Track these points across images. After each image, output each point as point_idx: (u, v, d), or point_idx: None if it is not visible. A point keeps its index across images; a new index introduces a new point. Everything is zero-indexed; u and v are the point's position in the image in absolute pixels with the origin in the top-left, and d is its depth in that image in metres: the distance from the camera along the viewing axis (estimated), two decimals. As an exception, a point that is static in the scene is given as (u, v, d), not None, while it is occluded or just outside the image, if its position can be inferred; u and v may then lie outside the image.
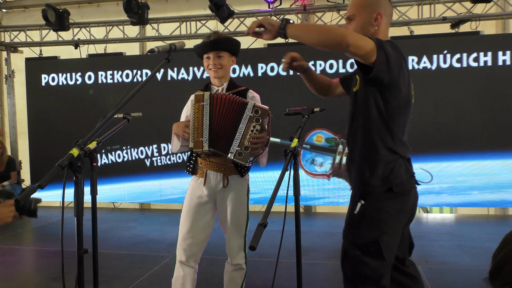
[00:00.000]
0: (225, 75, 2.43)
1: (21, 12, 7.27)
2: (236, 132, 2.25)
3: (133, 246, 4.56)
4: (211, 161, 2.36)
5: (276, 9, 5.90)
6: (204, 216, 2.41)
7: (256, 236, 1.22)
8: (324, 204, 5.85)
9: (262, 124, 2.26)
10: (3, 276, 3.65)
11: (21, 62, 6.79)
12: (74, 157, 1.41)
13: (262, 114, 2.26)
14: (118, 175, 6.24)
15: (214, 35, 2.39)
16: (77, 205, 1.47)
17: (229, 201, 2.39)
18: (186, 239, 2.38)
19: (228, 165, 2.35)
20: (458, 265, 3.78)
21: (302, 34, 1.69)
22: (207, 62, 2.39)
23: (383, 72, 1.66)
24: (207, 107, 2.26)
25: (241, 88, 2.44)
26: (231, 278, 2.44)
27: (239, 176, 2.39)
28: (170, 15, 6.33)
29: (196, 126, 2.27)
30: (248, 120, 2.25)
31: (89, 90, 6.38)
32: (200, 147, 2.25)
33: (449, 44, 5.41)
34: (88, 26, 6.44)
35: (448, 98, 5.44)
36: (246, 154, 2.24)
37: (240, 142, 2.24)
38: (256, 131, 2.25)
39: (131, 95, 1.75)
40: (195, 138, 2.27)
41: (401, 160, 1.87)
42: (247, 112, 2.25)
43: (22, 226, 5.67)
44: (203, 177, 2.39)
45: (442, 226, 5.27)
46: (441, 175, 5.49)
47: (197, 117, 2.27)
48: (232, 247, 2.40)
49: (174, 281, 2.41)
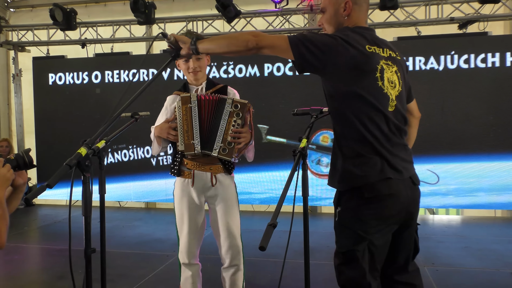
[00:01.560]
0: (203, 75, 2.45)
1: (29, 11, 7.32)
2: (218, 128, 2.23)
3: (138, 245, 4.56)
4: (198, 161, 2.34)
5: (282, 9, 5.89)
6: (197, 216, 2.42)
7: (265, 236, 1.21)
8: (330, 204, 5.82)
9: (242, 118, 2.23)
10: (9, 274, 3.66)
11: (28, 61, 6.83)
12: (82, 156, 1.41)
13: (242, 108, 2.23)
14: (124, 174, 6.25)
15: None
16: (85, 204, 1.47)
17: (220, 201, 2.38)
18: (187, 242, 2.39)
19: (215, 164, 2.34)
20: (465, 267, 3.76)
21: (212, 46, 1.78)
22: (185, 65, 2.38)
23: (305, 63, 1.65)
24: (195, 109, 2.24)
25: (220, 86, 2.44)
26: (231, 282, 2.41)
27: (226, 174, 2.38)
28: (177, 14, 6.34)
29: (186, 129, 2.24)
30: (228, 115, 2.23)
31: (96, 89, 6.40)
32: (192, 149, 2.24)
33: (456, 44, 5.38)
34: (95, 26, 6.46)
35: (455, 99, 5.41)
36: (230, 150, 2.22)
37: (223, 138, 2.22)
38: (238, 125, 2.23)
39: (137, 94, 1.75)
40: (185, 141, 2.25)
41: (372, 158, 1.64)
42: (227, 108, 2.23)
43: (28, 224, 5.70)
44: (190, 177, 2.36)
45: (448, 228, 5.24)
46: (447, 177, 5.46)
47: (185, 119, 2.25)
48: (229, 248, 2.37)
49: (183, 282, 2.42)
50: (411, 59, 5.47)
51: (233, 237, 2.37)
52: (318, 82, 1.71)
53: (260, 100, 5.57)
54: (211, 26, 6.14)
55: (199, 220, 2.42)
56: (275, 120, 5.71)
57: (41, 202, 6.89)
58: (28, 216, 6.15)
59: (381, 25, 5.76)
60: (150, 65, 6.24)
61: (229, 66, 5.94)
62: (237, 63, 5.91)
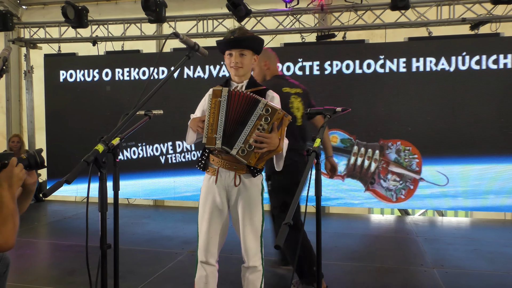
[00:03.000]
0: (246, 73, 2.39)
1: (41, 9, 7.38)
2: (244, 128, 2.19)
3: (147, 243, 4.59)
4: (223, 159, 2.31)
5: (293, 8, 5.89)
6: (220, 215, 2.39)
7: (281, 235, 1.22)
8: (338, 205, 5.82)
9: (270, 123, 2.17)
10: (21, 268, 3.70)
11: (40, 58, 6.88)
12: (100, 153, 1.42)
13: (272, 114, 2.17)
14: (133, 171, 6.29)
15: (238, 32, 2.33)
16: (101, 200, 1.49)
17: (242, 201, 2.35)
18: (206, 240, 2.36)
19: (240, 164, 2.29)
20: (475, 270, 3.73)
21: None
22: (229, 60, 2.34)
23: None
24: (224, 103, 2.21)
25: (261, 88, 2.39)
26: (249, 282, 2.40)
27: (251, 176, 2.33)
28: (187, 13, 6.36)
29: (211, 122, 2.22)
30: (257, 117, 2.18)
31: (106, 86, 6.44)
32: (212, 143, 2.21)
33: (468, 45, 5.35)
34: (106, 24, 6.50)
35: (465, 100, 5.37)
36: (249, 152, 2.17)
37: (246, 139, 2.18)
38: (263, 130, 2.18)
39: (153, 92, 1.77)
40: (208, 133, 2.22)
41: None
42: (257, 110, 2.18)
43: (38, 219, 5.75)
44: (214, 174, 2.34)
45: (457, 230, 5.21)
46: (457, 178, 5.43)
47: (212, 112, 2.22)
48: (248, 249, 2.35)
49: (197, 281, 2.42)
50: (422, 59, 5.44)
51: (250, 239, 2.35)
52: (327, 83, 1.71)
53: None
54: (221, 25, 6.15)
55: (221, 219, 2.39)
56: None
57: (50, 198, 6.94)
58: (38, 212, 6.20)
59: (392, 25, 5.73)
60: (160, 63, 6.27)
61: (239, 65, 5.93)
62: (247, 62, 5.91)
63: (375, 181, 5.61)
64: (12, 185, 1.67)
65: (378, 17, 5.72)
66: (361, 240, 4.84)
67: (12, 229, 1.64)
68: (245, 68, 2.34)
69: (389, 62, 5.53)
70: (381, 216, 6.13)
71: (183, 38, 1.84)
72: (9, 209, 1.65)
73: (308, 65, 5.75)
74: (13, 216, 1.66)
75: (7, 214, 1.64)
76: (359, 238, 4.90)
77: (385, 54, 5.54)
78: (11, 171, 1.68)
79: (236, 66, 2.32)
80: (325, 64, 5.70)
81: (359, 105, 5.50)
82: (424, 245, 4.45)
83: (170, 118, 5.94)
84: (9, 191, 1.67)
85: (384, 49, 5.59)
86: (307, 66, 5.75)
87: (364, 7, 5.74)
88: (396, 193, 5.56)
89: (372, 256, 4.17)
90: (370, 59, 5.57)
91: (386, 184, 5.58)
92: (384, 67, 5.55)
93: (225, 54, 2.37)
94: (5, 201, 1.66)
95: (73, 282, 3.43)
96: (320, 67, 5.71)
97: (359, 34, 6.13)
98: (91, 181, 1.48)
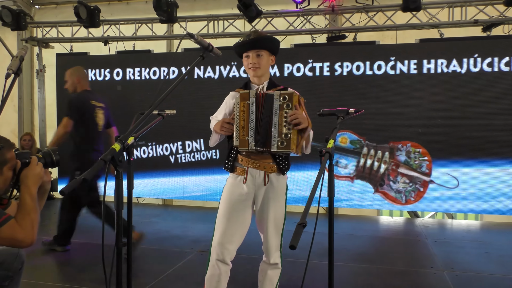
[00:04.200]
0: (264, 74, 2.43)
1: (53, 8, 7.45)
2: (272, 124, 2.24)
3: (156, 241, 4.62)
4: (252, 159, 2.36)
5: (304, 9, 5.89)
6: (243, 214, 2.41)
7: (296, 235, 1.23)
8: (347, 206, 5.81)
9: (292, 108, 2.23)
10: (33, 265, 3.74)
11: (52, 57, 6.95)
12: (116, 151, 1.44)
13: (290, 99, 2.24)
14: (143, 170, 6.32)
15: (254, 34, 2.39)
16: (117, 199, 1.51)
17: (269, 199, 2.39)
18: (224, 237, 2.36)
19: (270, 163, 2.35)
20: (486, 273, 3.71)
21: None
22: (247, 61, 2.40)
23: None
24: (253, 106, 2.27)
25: (281, 87, 2.44)
26: (267, 277, 2.44)
27: (279, 174, 2.39)
28: (198, 13, 6.39)
29: (242, 125, 2.28)
30: (279, 109, 2.24)
31: (117, 86, 6.49)
32: (246, 146, 2.27)
33: (480, 47, 5.31)
34: (118, 24, 6.55)
35: (477, 102, 5.33)
36: (288, 141, 2.22)
37: (279, 132, 2.23)
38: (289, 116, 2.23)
39: (168, 91, 1.80)
40: (240, 136, 2.28)
41: None
42: (275, 102, 2.25)
43: (49, 217, 5.80)
44: (243, 174, 2.38)
45: (467, 233, 5.18)
46: (467, 181, 5.39)
47: (242, 115, 2.28)
48: (271, 246, 2.40)
49: (209, 278, 2.41)
50: (433, 61, 5.42)
51: (274, 236, 2.39)
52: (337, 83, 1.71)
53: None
54: (232, 25, 6.17)
55: (243, 218, 2.41)
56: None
57: (60, 196, 7.00)
58: (49, 210, 6.25)
59: (403, 26, 5.71)
60: (171, 63, 6.30)
61: (249, 65, 5.95)
62: (257, 62, 5.92)
63: (385, 183, 5.59)
64: (34, 183, 1.70)
65: (389, 18, 5.70)
66: (370, 242, 4.83)
67: (34, 225, 1.68)
68: (262, 69, 2.39)
69: (400, 64, 5.51)
70: (390, 218, 6.11)
71: (197, 38, 1.86)
72: (31, 206, 1.68)
73: (318, 66, 5.74)
74: (34, 213, 1.69)
75: (28, 211, 1.68)
76: (368, 240, 4.89)
77: (396, 55, 5.52)
78: (33, 170, 1.71)
79: (254, 67, 2.37)
80: (335, 65, 5.69)
81: (369, 107, 5.48)
82: (434, 248, 4.43)
83: (180, 118, 5.97)
84: (32, 189, 1.70)
85: (395, 50, 5.57)
86: (317, 67, 5.74)
87: (375, 8, 5.72)
88: (406, 195, 5.54)
89: (381, 258, 4.16)
90: (381, 60, 5.56)
91: (396, 186, 5.56)
92: (395, 68, 5.53)
93: (243, 57, 2.42)
94: (27, 199, 1.69)
95: (85, 279, 3.47)
96: (330, 68, 5.70)
97: (369, 36, 6.11)
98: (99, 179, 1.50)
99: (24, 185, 1.76)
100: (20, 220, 1.74)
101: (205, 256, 3.30)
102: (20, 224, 1.74)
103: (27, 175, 1.77)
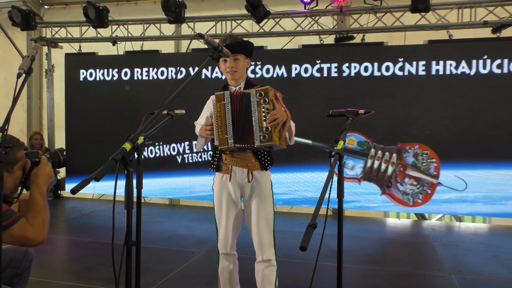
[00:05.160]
0: (241, 76, 2.52)
1: (62, 8, 7.50)
2: (252, 121, 2.32)
3: (163, 241, 4.63)
4: (235, 157, 2.46)
5: (312, 10, 5.88)
6: (235, 209, 2.55)
7: (306, 236, 1.23)
8: (354, 208, 5.79)
9: (269, 102, 2.30)
10: (41, 263, 3.76)
11: (60, 57, 7.00)
12: (127, 151, 1.45)
13: (266, 94, 2.30)
14: (150, 170, 6.34)
15: (230, 39, 2.46)
16: (127, 198, 1.51)
17: (256, 196, 2.49)
18: (225, 233, 2.54)
19: (252, 161, 2.45)
20: (494, 277, 3.68)
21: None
22: (224, 65, 2.48)
23: None
24: (228, 106, 2.37)
25: (257, 86, 2.50)
26: (264, 277, 2.48)
27: (263, 171, 2.48)
28: (206, 14, 6.40)
29: (220, 125, 2.37)
30: (257, 105, 2.32)
31: (125, 86, 6.52)
32: (225, 144, 2.36)
33: (489, 49, 5.27)
34: (126, 24, 6.58)
35: (486, 104, 5.29)
36: (269, 134, 2.28)
37: (259, 127, 2.30)
38: (267, 110, 2.30)
39: (178, 92, 1.80)
40: (219, 136, 2.38)
41: None
42: (253, 100, 2.33)
43: (56, 216, 5.85)
44: (228, 173, 2.50)
45: (475, 236, 5.14)
46: (475, 184, 5.35)
47: (219, 115, 2.38)
48: (263, 242, 2.47)
49: (221, 271, 2.60)
50: (442, 63, 5.38)
51: (265, 232, 2.46)
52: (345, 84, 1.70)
53: (286, 101, 5.56)
54: (239, 26, 6.18)
55: (236, 213, 2.56)
56: (301, 121, 5.69)
57: (68, 195, 7.05)
58: (56, 208, 6.31)
59: (412, 28, 5.69)
60: (179, 64, 6.32)
61: (257, 66, 5.96)
62: (264, 63, 5.93)
63: (392, 185, 5.57)
64: (44, 182, 1.71)
65: (398, 19, 5.68)
66: (377, 244, 4.81)
67: (45, 224, 1.69)
68: (239, 72, 2.49)
69: (408, 65, 5.48)
70: (397, 220, 6.08)
71: (207, 39, 1.87)
72: (41, 205, 1.69)
73: (326, 67, 5.73)
74: (45, 211, 1.70)
75: (39, 210, 1.69)
76: (375, 242, 4.87)
77: (404, 56, 5.49)
78: (44, 169, 1.72)
79: (231, 71, 2.46)
80: (343, 66, 5.67)
81: (377, 108, 5.45)
82: (441, 250, 4.40)
83: (187, 117, 5.95)
84: (41, 188, 1.71)
85: (404, 51, 5.54)
86: (325, 68, 5.73)
87: (384, 9, 5.70)
88: (413, 197, 5.51)
89: (388, 260, 4.14)
90: (389, 61, 5.53)
91: (403, 188, 5.53)
92: (403, 70, 5.51)
93: (220, 61, 2.49)
94: (37, 197, 1.70)
95: (92, 278, 3.48)
96: (338, 69, 5.69)
97: (377, 36, 6.09)
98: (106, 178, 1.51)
99: (35, 184, 1.78)
100: (31, 218, 1.76)
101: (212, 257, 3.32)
102: (31, 223, 1.75)
103: (38, 174, 1.79)
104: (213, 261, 3.89)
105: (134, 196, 1.70)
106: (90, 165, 5.74)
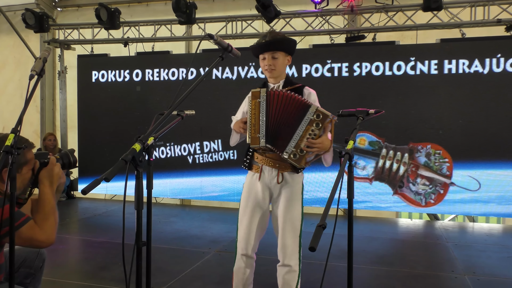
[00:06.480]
0: (280, 74, 2.47)
1: (75, 11, 7.59)
2: (295, 132, 2.27)
3: (174, 241, 4.65)
4: (267, 157, 2.40)
5: (322, 9, 5.86)
6: (261, 210, 2.46)
7: (315, 237, 1.22)
8: (366, 208, 5.75)
9: (321, 129, 2.26)
10: (54, 263, 3.81)
11: (73, 58, 7.08)
12: (137, 152, 1.46)
13: (324, 119, 2.25)
14: (161, 170, 6.38)
15: (270, 35, 2.41)
16: (137, 198, 1.52)
17: (284, 198, 2.41)
18: (247, 234, 2.45)
19: (284, 161, 2.37)
20: (508, 278, 3.62)
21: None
22: (263, 63, 2.44)
23: None
24: (263, 104, 2.30)
25: (297, 85, 2.47)
26: (284, 282, 2.41)
27: (294, 173, 2.40)
28: (216, 14, 6.42)
29: (253, 122, 2.31)
30: (308, 123, 2.26)
31: (136, 87, 6.57)
32: (257, 142, 2.30)
33: (503, 47, 5.19)
34: (137, 25, 6.63)
35: (500, 103, 5.22)
36: (301, 157, 2.25)
37: (297, 143, 2.26)
38: (314, 135, 2.26)
39: (188, 92, 1.80)
40: (251, 134, 2.32)
41: None
42: (308, 115, 2.27)
43: (69, 216, 5.91)
44: (258, 172, 2.44)
45: (489, 237, 5.06)
46: (489, 184, 5.28)
47: (253, 113, 2.32)
48: (286, 246, 2.37)
49: (236, 271, 2.51)
50: (454, 61, 5.32)
51: (289, 236, 2.38)
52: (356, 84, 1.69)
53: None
54: (250, 26, 6.18)
55: (262, 214, 2.47)
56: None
57: (81, 195, 7.12)
58: (69, 208, 6.38)
59: (424, 26, 5.63)
60: (190, 64, 6.35)
61: (267, 66, 5.94)
62: (275, 63, 5.91)
63: (404, 185, 5.52)
64: (53, 183, 1.72)
65: (410, 18, 5.62)
66: (389, 244, 4.77)
67: (53, 225, 1.70)
68: (278, 70, 2.43)
69: (420, 64, 5.43)
70: (410, 221, 6.02)
71: (217, 39, 1.87)
72: (51, 206, 1.71)
73: (337, 66, 5.70)
74: (54, 213, 1.71)
75: (49, 211, 1.70)
76: (388, 242, 4.83)
77: (416, 56, 5.44)
78: (52, 170, 1.74)
79: (269, 69, 2.41)
80: (354, 65, 5.64)
81: (389, 108, 5.41)
82: (455, 251, 4.35)
83: (198, 118, 6.01)
84: (50, 189, 1.73)
85: (415, 50, 5.49)
86: (336, 68, 5.71)
87: (395, 8, 5.66)
88: (426, 198, 5.46)
89: (400, 261, 4.11)
90: (401, 61, 5.49)
91: (415, 188, 5.48)
92: (415, 69, 5.45)
93: (260, 58, 2.45)
94: (46, 198, 1.71)
95: (104, 278, 3.51)
96: (349, 68, 5.66)
97: (389, 36, 6.04)
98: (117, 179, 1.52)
99: (43, 184, 1.79)
100: (39, 220, 1.77)
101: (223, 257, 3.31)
102: (39, 224, 1.76)
103: (46, 174, 1.80)
104: (225, 261, 3.90)
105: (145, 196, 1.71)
106: (103, 166, 5.78)
